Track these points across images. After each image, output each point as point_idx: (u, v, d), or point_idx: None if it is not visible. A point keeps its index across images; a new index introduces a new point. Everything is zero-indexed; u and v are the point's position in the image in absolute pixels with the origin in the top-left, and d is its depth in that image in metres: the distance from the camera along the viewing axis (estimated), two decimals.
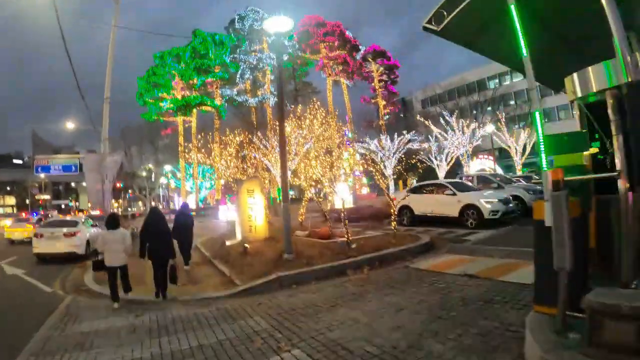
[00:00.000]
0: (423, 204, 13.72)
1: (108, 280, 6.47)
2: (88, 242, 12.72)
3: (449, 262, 7.63)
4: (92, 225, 14.44)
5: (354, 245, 8.75)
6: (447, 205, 13.01)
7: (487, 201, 12.19)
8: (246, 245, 9.04)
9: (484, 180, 16.28)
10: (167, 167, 50.95)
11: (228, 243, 10.49)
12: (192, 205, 42.53)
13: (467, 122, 27.41)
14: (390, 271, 7.35)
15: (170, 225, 8.02)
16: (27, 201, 67.96)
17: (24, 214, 33.10)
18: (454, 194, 12.98)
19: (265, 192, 11.51)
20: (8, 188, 72.91)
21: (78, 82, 10.40)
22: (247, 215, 10.72)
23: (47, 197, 71.70)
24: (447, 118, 27.72)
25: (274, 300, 5.96)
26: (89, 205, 26.65)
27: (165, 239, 6.81)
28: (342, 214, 9.24)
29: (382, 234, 10.82)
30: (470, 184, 15.16)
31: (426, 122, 28.14)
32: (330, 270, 7.30)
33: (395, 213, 10.35)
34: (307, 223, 13.38)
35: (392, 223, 10.09)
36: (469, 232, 11.60)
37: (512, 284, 5.75)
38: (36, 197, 69.96)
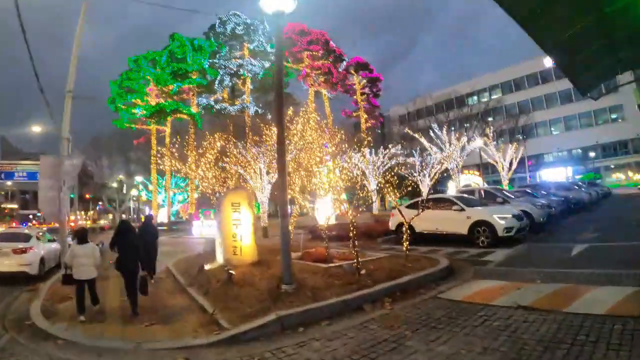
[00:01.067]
0: (426, 221, 12.29)
1: (75, 294, 6.37)
2: (43, 260, 10.86)
3: (486, 291, 6.28)
4: (51, 240, 12.40)
5: (363, 271, 7.24)
6: (454, 221, 11.74)
7: (500, 217, 11.02)
8: (231, 271, 7.27)
9: (486, 195, 15.09)
10: (139, 179, 48.23)
11: (207, 267, 8.67)
12: (164, 219, 40.07)
13: (457, 135, 26.60)
14: (419, 304, 5.87)
15: None
16: None
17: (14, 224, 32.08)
18: (462, 210, 11.73)
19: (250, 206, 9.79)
20: None
21: (35, 68, 8.55)
22: (231, 234, 8.93)
23: (14, 206, 67.23)
24: (436, 131, 26.88)
25: (280, 354, 4.29)
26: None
27: (135, 252, 6.59)
28: (352, 232, 7.76)
29: (388, 256, 9.42)
30: (469, 197, 13.96)
31: (416, 135, 27.13)
32: (343, 305, 5.71)
33: (408, 232, 8.93)
34: (298, 241, 11.74)
35: (404, 244, 8.68)
36: (482, 251, 10.38)
37: (587, 316, 4.59)
38: (2, 205, 65.46)
